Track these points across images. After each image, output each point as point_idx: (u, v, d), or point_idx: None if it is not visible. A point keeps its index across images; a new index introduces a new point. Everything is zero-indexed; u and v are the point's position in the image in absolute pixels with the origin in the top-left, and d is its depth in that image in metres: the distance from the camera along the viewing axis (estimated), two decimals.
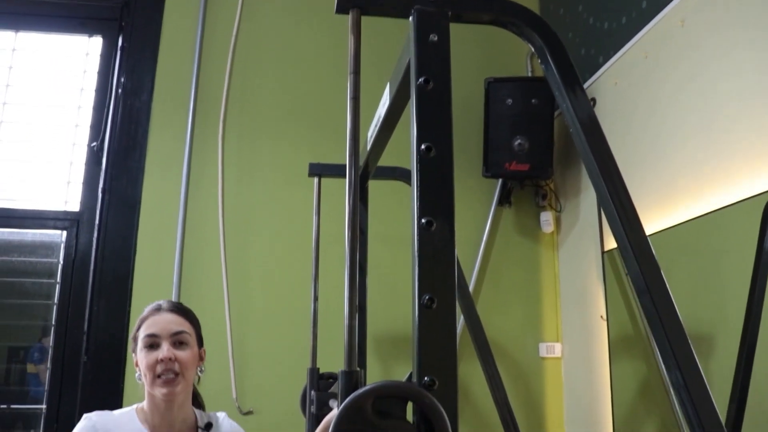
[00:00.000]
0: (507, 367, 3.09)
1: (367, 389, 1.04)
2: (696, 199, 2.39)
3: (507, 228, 3.59)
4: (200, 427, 1.72)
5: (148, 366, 1.62)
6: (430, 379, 1.11)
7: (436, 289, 1.13)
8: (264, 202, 3.44)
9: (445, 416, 1.05)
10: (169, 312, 1.71)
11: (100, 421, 1.62)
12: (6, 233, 3.43)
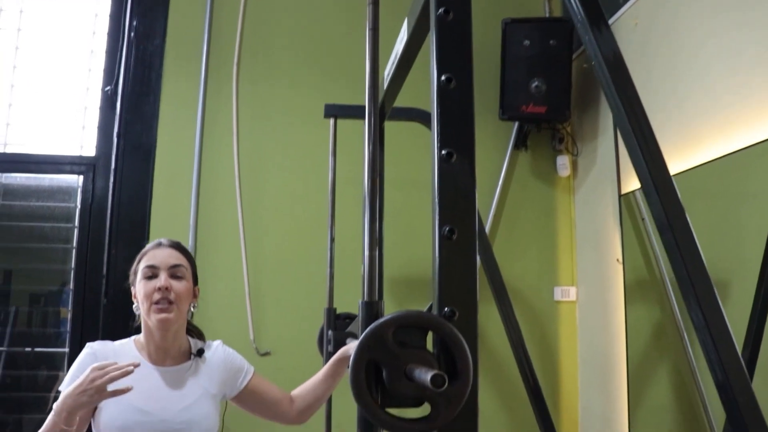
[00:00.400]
0: (522, 311, 3.10)
1: (388, 318, 1.04)
2: (717, 141, 2.36)
3: (523, 172, 3.57)
4: (192, 354, 1.81)
5: (145, 294, 1.71)
6: (451, 310, 1.12)
7: (456, 220, 1.13)
8: (279, 146, 3.43)
9: (466, 346, 1.05)
10: (168, 247, 1.82)
11: (100, 349, 1.74)
12: (24, 178, 3.45)
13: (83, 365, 1.67)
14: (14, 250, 3.49)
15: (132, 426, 1.64)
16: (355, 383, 1.02)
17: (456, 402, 1.04)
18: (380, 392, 1.08)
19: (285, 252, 3.34)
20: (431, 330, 1.07)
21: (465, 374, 1.05)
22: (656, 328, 3.15)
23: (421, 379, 0.97)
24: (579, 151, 3.53)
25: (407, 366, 1.03)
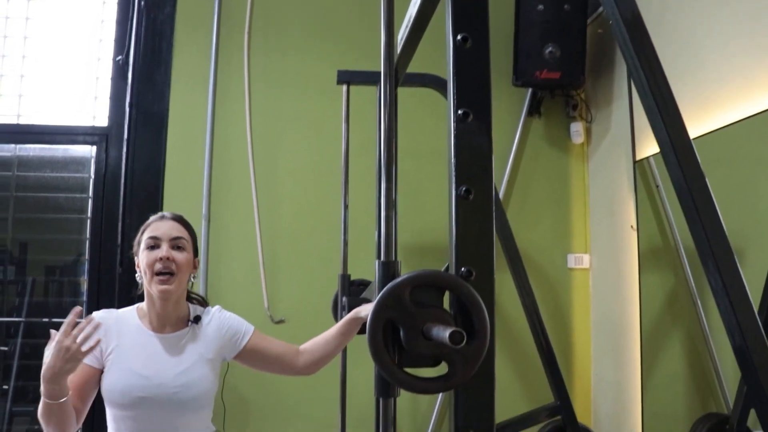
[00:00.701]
0: (535, 278, 3.10)
1: (406, 277, 1.04)
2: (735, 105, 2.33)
3: (536, 139, 3.55)
4: (190, 321, 1.88)
5: (148, 264, 1.78)
6: (468, 270, 1.11)
7: (472, 180, 1.12)
8: (291, 115, 3.42)
9: (483, 306, 1.05)
10: (171, 220, 1.87)
11: (102, 317, 1.80)
12: (38, 149, 3.47)
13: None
14: (30, 221, 3.51)
15: (132, 389, 1.74)
16: (373, 342, 1.03)
17: (473, 361, 1.05)
18: (397, 352, 1.08)
19: (298, 220, 3.35)
20: (448, 290, 1.07)
21: (482, 334, 1.05)
22: (670, 295, 3.14)
23: (439, 337, 0.97)
24: (593, 118, 3.49)
25: (425, 325, 1.03)
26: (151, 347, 1.81)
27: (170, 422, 1.77)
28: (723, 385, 2.84)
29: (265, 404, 3.26)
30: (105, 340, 1.77)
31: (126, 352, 1.79)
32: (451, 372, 1.06)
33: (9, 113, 3.35)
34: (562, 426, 2.90)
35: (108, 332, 1.79)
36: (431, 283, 1.06)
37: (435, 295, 1.10)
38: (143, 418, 1.75)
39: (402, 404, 3.28)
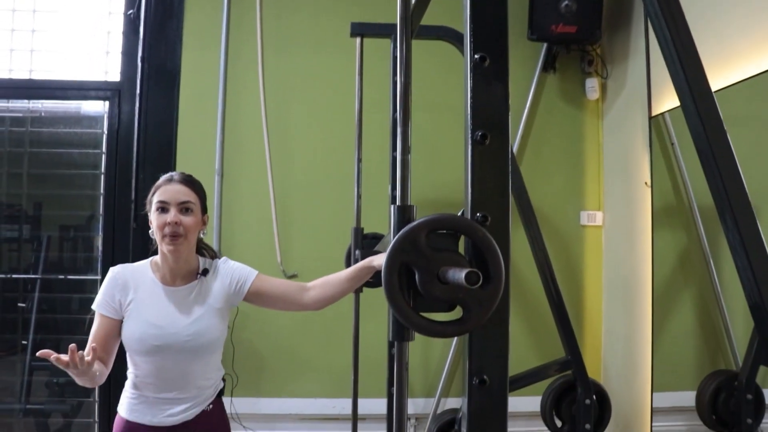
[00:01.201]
0: (548, 235, 3.09)
1: (422, 221, 1.04)
2: (756, 57, 2.29)
3: (551, 95, 3.51)
4: (198, 274, 2.00)
5: (158, 226, 1.91)
6: (483, 215, 1.11)
7: (488, 125, 1.11)
8: (304, 69, 3.40)
9: (498, 250, 1.05)
10: (179, 183, 1.95)
11: (120, 272, 1.97)
12: (51, 105, 3.47)
13: (109, 287, 1.95)
14: (44, 177, 3.53)
15: (147, 338, 1.89)
16: (388, 285, 1.03)
17: (488, 305, 1.05)
18: (412, 297, 1.09)
19: (311, 174, 3.35)
20: (463, 234, 1.07)
21: (497, 278, 1.05)
22: (682, 253, 3.14)
23: (455, 279, 0.97)
24: (609, 74, 3.45)
25: (440, 269, 1.03)
26: (163, 299, 1.95)
27: (184, 366, 1.93)
28: (733, 343, 2.86)
29: (278, 359, 3.31)
30: (123, 293, 1.92)
31: (142, 304, 1.93)
32: (466, 316, 1.06)
33: (21, 68, 3.34)
34: (573, 380, 2.91)
35: (126, 285, 1.94)
36: (447, 227, 1.06)
37: (450, 240, 1.10)
38: (160, 363, 1.91)
39: (413, 362, 3.32)
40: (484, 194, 1.11)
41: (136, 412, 1.95)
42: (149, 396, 1.94)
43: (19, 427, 3.50)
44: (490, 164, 1.11)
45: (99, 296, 1.95)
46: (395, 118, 2.50)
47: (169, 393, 1.94)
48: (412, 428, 3.35)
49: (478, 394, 1.14)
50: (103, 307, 1.93)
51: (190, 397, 1.96)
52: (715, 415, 2.77)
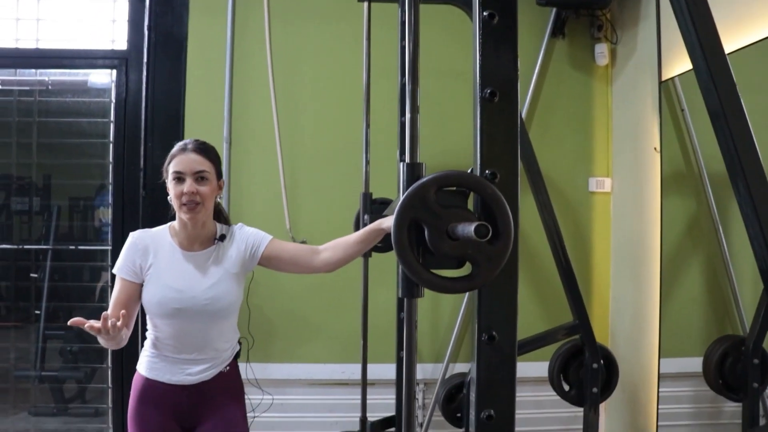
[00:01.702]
0: (556, 202, 3.08)
1: (431, 177, 1.05)
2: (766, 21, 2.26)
3: (560, 60, 3.48)
4: (215, 239, 2.05)
5: (175, 195, 1.96)
6: (492, 173, 1.12)
7: (497, 82, 1.11)
8: (312, 36, 3.38)
9: (507, 206, 1.06)
10: (193, 152, 1.98)
11: (139, 237, 2.03)
12: (59, 74, 3.47)
13: (130, 251, 2.00)
14: (53, 146, 3.55)
15: (167, 301, 1.96)
16: (398, 242, 1.04)
17: (497, 261, 1.06)
18: (422, 254, 1.10)
19: (320, 141, 3.35)
20: (472, 191, 1.08)
21: (506, 234, 1.06)
22: (691, 220, 3.13)
23: (465, 233, 0.98)
24: (618, 39, 3.42)
25: (449, 225, 1.04)
26: (182, 264, 2.00)
27: (202, 328, 2.00)
28: (740, 309, 2.87)
29: (288, 325, 3.34)
30: (143, 257, 1.98)
31: (161, 268, 1.99)
32: (475, 272, 1.07)
33: (28, 38, 3.34)
34: (580, 345, 2.93)
35: (146, 250, 1.99)
36: (456, 184, 1.07)
37: (459, 197, 1.11)
38: (179, 325, 1.98)
39: (421, 328, 3.34)
40: (493, 152, 1.12)
41: (155, 370, 2.02)
42: (168, 356, 2.00)
43: (35, 393, 3.57)
44: (498, 122, 1.12)
45: (119, 261, 2.00)
46: (403, 83, 2.48)
47: (188, 354, 2.00)
48: (420, 393, 3.39)
49: (487, 350, 1.16)
50: (124, 271, 1.98)
51: (208, 359, 2.02)
52: (722, 380, 2.79)
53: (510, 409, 1.16)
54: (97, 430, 3.45)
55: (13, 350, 3.52)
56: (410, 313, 1.18)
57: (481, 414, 1.15)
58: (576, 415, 3.14)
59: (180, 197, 1.94)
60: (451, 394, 3.01)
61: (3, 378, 3.49)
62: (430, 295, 3.38)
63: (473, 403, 1.16)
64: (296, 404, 3.34)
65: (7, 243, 3.73)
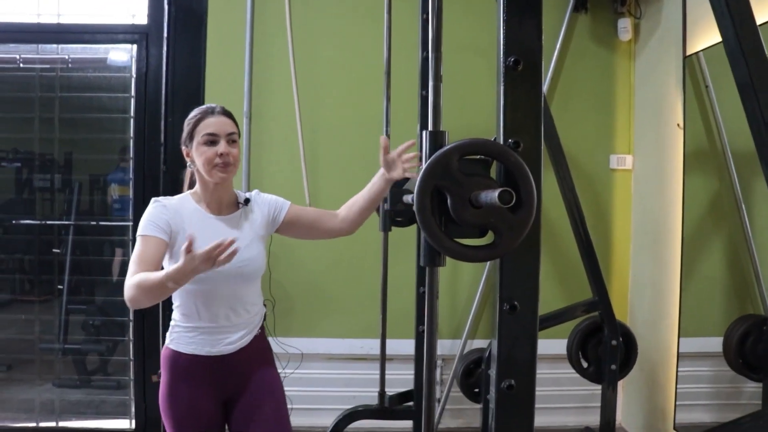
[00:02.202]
0: (576, 178, 3.05)
1: (453, 145, 1.04)
2: None
3: (582, 36, 3.43)
4: (240, 203, 2.04)
5: (207, 159, 1.92)
6: (515, 141, 1.11)
7: (521, 51, 1.10)
8: (332, 8, 3.37)
9: (530, 175, 1.05)
10: (222, 115, 1.98)
11: (166, 200, 1.97)
12: (79, 50, 3.48)
13: (157, 212, 1.91)
14: (75, 121, 3.58)
15: None
16: (421, 209, 1.04)
17: (520, 230, 1.06)
18: (444, 223, 1.09)
19: (339, 115, 3.35)
20: (496, 159, 1.07)
21: (529, 203, 1.05)
22: (714, 198, 3.10)
23: (488, 200, 0.98)
24: (642, 14, 3.37)
25: (472, 192, 1.04)
26: (213, 227, 1.96)
27: (233, 292, 1.97)
28: (762, 288, 2.84)
29: (307, 300, 3.37)
30: (174, 219, 1.92)
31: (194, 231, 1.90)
32: (498, 241, 1.07)
33: (49, 12, 3.35)
34: (599, 322, 2.93)
35: (176, 212, 1.94)
36: (479, 152, 1.06)
37: (482, 166, 1.10)
38: (210, 290, 1.93)
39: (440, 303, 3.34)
40: (517, 120, 1.11)
41: (193, 344, 1.96)
42: (204, 326, 1.95)
43: (59, 365, 3.63)
44: (522, 90, 1.11)
45: (145, 221, 1.89)
46: (424, 56, 2.47)
47: (224, 321, 1.96)
48: (438, 368, 3.40)
49: (508, 320, 1.16)
50: (153, 230, 1.87)
51: (243, 323, 2.00)
52: (742, 360, 2.78)
53: (530, 379, 1.16)
54: (120, 402, 3.51)
55: (37, 323, 3.57)
56: (431, 283, 1.18)
57: (502, 384, 1.16)
58: (594, 392, 3.14)
59: (213, 160, 1.91)
60: (470, 369, 3.03)
61: (28, 350, 3.55)
62: (449, 272, 3.41)
63: (494, 373, 1.17)
64: (315, 378, 3.37)
65: (30, 218, 3.77)
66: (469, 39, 3.24)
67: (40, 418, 3.39)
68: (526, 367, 1.17)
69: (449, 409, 3.41)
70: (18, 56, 3.43)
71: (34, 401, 3.45)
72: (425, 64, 2.46)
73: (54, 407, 3.44)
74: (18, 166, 4.12)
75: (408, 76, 2.87)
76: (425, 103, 1.04)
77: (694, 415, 3.03)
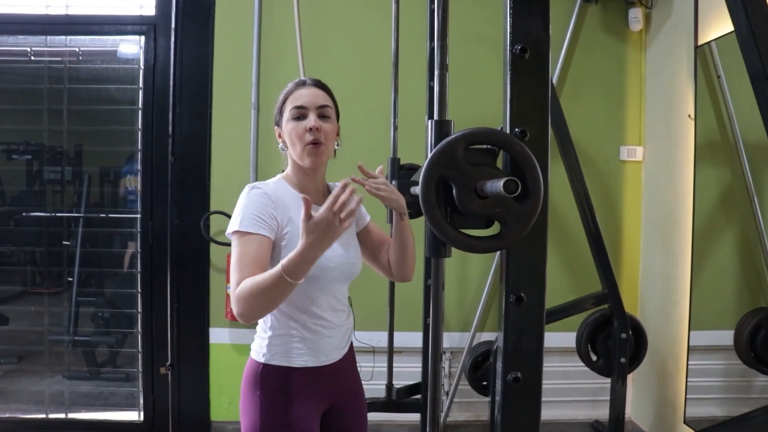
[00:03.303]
0: (586, 170, 3.03)
1: (459, 135, 1.03)
2: None
3: (592, 26, 3.40)
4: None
5: (297, 135, 1.67)
6: (522, 131, 1.10)
7: (528, 38, 1.08)
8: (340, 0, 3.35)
9: (537, 165, 1.04)
10: (313, 86, 1.75)
11: (268, 188, 1.65)
12: (88, 41, 3.48)
13: (260, 203, 1.59)
14: (84, 113, 3.58)
15: (326, 260, 1.56)
16: (426, 199, 1.03)
17: (526, 220, 1.04)
18: (449, 213, 1.08)
19: (347, 105, 3.28)
20: (502, 148, 1.06)
21: (536, 193, 1.04)
22: (725, 190, 3.08)
23: (493, 189, 0.96)
24: (653, 3, 3.33)
25: (478, 182, 1.02)
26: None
27: (335, 292, 1.71)
28: None
29: None
30: (281, 212, 1.62)
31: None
32: (504, 231, 1.06)
33: (58, 4, 3.35)
34: (609, 314, 2.91)
35: (281, 203, 1.63)
36: (485, 141, 1.05)
37: (488, 155, 1.09)
38: (315, 290, 1.65)
39: (448, 297, 3.33)
40: (523, 109, 1.10)
41: (302, 356, 1.65)
42: (307, 335, 1.66)
43: (68, 357, 3.65)
44: (528, 78, 1.09)
45: (246, 215, 1.58)
46: (432, 47, 2.45)
47: (333, 327, 1.70)
48: (447, 361, 3.39)
49: (515, 312, 1.15)
50: (259, 226, 1.57)
51: (346, 327, 1.77)
52: (754, 353, 2.76)
53: (537, 371, 1.15)
54: (128, 394, 3.52)
55: (47, 315, 3.58)
56: (437, 274, 1.17)
57: (508, 376, 1.15)
58: (603, 386, 3.12)
59: (303, 136, 1.65)
60: (477, 362, 3.01)
61: (38, 342, 3.57)
62: (457, 265, 3.39)
63: (501, 366, 1.15)
64: None
65: (40, 210, 3.79)
66: (477, 29, 3.21)
67: (50, 409, 3.40)
68: (533, 359, 1.15)
69: (458, 402, 3.40)
70: (29, 49, 3.43)
71: (44, 393, 3.47)
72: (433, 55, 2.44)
73: (64, 399, 3.46)
74: (28, 159, 4.14)
75: (415, 68, 2.86)
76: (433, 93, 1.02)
77: (704, 409, 3.01)
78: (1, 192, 4.26)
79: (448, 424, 3.39)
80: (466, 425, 3.40)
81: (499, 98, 1.13)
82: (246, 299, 1.44)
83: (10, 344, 3.74)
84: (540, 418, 1.17)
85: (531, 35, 1.10)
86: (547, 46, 1.10)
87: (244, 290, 1.44)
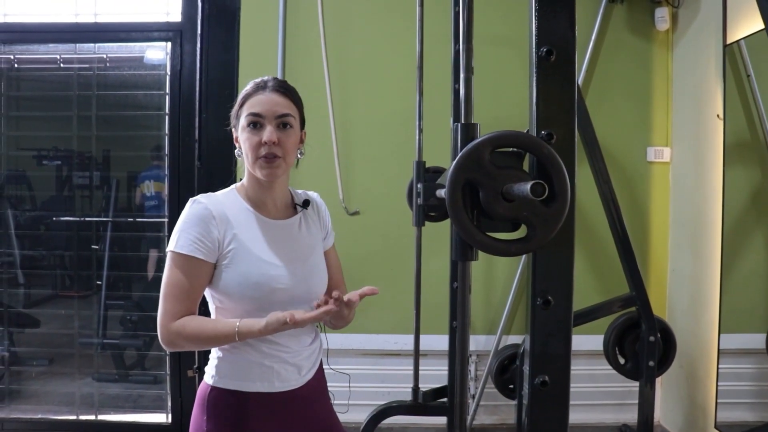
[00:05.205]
0: (612, 171, 3.00)
1: (485, 138, 1.02)
2: None
3: (618, 26, 3.37)
4: (298, 204, 1.66)
5: (251, 147, 1.51)
6: (548, 133, 1.09)
7: (554, 40, 1.08)
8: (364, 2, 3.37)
9: (564, 168, 1.03)
10: (274, 92, 1.55)
11: (210, 202, 1.52)
12: (115, 48, 3.53)
13: (202, 221, 1.48)
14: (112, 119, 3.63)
15: (269, 281, 1.50)
16: (452, 203, 1.02)
17: (553, 223, 1.04)
18: (476, 217, 1.08)
19: (372, 110, 3.34)
20: (528, 151, 1.05)
21: (562, 196, 1.03)
22: (755, 191, 3.03)
23: (520, 192, 0.96)
24: (680, 2, 3.29)
25: (504, 186, 1.02)
26: (272, 234, 1.56)
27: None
28: None
29: None
30: (222, 228, 1.49)
31: (248, 239, 1.52)
32: (531, 234, 1.05)
33: (86, 12, 3.40)
34: (637, 317, 2.87)
35: (223, 218, 1.50)
36: (511, 145, 1.04)
37: (515, 158, 1.08)
38: (263, 315, 1.45)
39: (475, 299, 3.32)
40: (550, 112, 1.09)
41: (257, 381, 1.52)
42: (261, 360, 1.52)
43: (98, 359, 3.70)
44: (555, 81, 1.09)
45: (183, 235, 1.47)
46: (456, 49, 2.45)
47: (287, 351, 1.56)
48: (473, 364, 3.38)
49: (542, 315, 1.14)
50: (193, 248, 1.46)
51: (307, 351, 1.62)
52: None
53: (565, 375, 1.14)
54: (156, 396, 3.56)
55: (77, 318, 3.64)
56: (464, 277, 1.17)
57: (536, 379, 1.14)
58: (631, 389, 3.09)
59: (257, 149, 1.50)
60: (504, 365, 3.00)
61: (68, 344, 3.62)
62: (484, 267, 3.38)
63: (528, 369, 1.15)
64: (349, 374, 3.37)
65: (70, 215, 3.85)
66: (501, 31, 3.21)
67: (80, 411, 3.45)
68: (561, 362, 1.14)
69: (484, 406, 3.38)
70: (58, 56, 3.49)
71: (74, 395, 3.52)
72: (457, 58, 2.44)
73: (93, 401, 3.50)
74: (58, 164, 4.21)
75: (440, 71, 2.85)
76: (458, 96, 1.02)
77: (736, 414, 2.96)
78: (32, 197, 4.33)
79: (474, 427, 3.37)
80: (492, 429, 3.39)
81: (524, 100, 1.12)
82: (186, 339, 1.44)
83: (41, 347, 3.80)
84: (567, 422, 1.16)
85: (557, 37, 1.09)
86: (573, 48, 1.09)
87: (186, 331, 1.43)
